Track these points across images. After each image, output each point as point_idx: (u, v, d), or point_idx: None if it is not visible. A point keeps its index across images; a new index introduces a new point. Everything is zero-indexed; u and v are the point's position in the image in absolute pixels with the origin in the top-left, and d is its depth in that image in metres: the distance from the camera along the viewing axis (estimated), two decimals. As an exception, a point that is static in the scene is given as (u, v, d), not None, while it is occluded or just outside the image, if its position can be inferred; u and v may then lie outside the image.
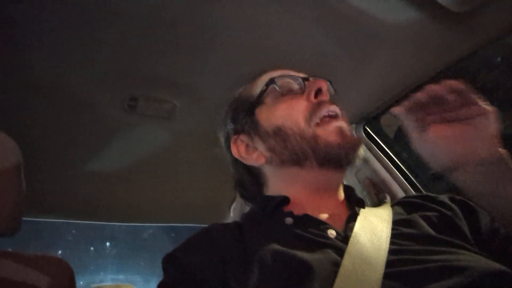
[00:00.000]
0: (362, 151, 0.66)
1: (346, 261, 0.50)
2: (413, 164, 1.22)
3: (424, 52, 0.95)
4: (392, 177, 1.18)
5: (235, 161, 0.74)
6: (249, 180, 0.74)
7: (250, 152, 0.71)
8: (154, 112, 1.15)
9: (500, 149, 0.55)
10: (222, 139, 0.79)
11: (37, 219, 1.58)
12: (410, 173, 1.18)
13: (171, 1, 0.78)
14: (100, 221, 1.73)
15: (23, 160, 0.81)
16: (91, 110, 1.11)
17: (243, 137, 0.72)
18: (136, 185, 1.52)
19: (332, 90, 0.74)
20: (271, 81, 0.70)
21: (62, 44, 0.87)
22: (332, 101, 0.68)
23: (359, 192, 1.23)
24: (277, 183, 0.69)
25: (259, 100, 0.71)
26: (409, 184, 1.16)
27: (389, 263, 0.50)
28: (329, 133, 0.64)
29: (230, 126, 0.75)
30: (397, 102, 1.16)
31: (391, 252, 0.52)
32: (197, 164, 1.43)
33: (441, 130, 0.57)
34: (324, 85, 0.68)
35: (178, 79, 1.03)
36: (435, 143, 0.58)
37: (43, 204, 1.46)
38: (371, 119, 1.28)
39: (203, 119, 1.19)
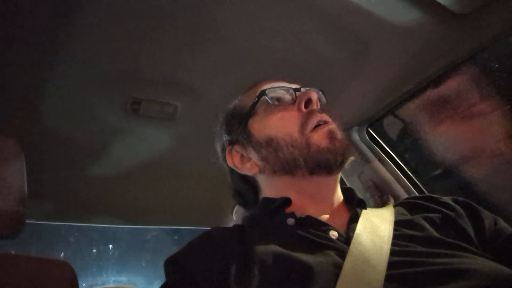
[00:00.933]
0: (353, 156, 0.67)
1: (348, 263, 0.50)
2: (417, 165, 1.22)
3: (426, 53, 0.94)
4: (395, 179, 1.18)
5: (231, 171, 0.76)
6: (245, 189, 0.76)
7: (244, 162, 0.72)
8: (157, 114, 1.15)
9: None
10: (218, 150, 0.82)
11: (39, 222, 1.58)
12: (414, 175, 1.18)
13: (173, 3, 0.79)
14: (103, 224, 1.73)
15: (26, 163, 0.81)
16: (95, 113, 1.12)
17: (237, 147, 0.74)
18: (139, 188, 1.52)
19: (323, 99, 0.76)
20: (262, 93, 0.72)
21: (64, 47, 0.87)
22: (322, 110, 0.70)
23: (362, 195, 1.23)
24: (271, 191, 0.70)
25: (251, 112, 0.72)
26: (412, 186, 1.16)
27: (391, 265, 0.50)
28: (320, 137, 0.65)
29: (225, 137, 0.77)
30: (400, 104, 1.16)
31: (393, 253, 0.52)
32: (200, 166, 1.43)
33: (455, 125, 0.60)
34: (314, 95, 0.69)
35: (180, 81, 1.03)
36: (448, 137, 0.59)
37: (46, 207, 1.47)
38: (374, 121, 1.28)
39: (205, 121, 1.19)
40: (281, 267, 0.51)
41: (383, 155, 1.24)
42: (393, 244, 0.54)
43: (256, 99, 0.72)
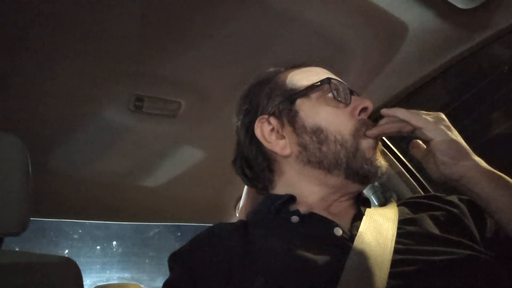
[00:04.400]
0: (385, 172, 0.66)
1: (351, 260, 0.51)
2: (419, 162, 1.22)
3: (430, 49, 0.94)
4: (398, 176, 1.18)
5: (251, 140, 0.71)
6: (262, 165, 0.70)
7: (275, 138, 0.68)
8: (160, 111, 1.15)
9: (456, 170, 0.58)
10: (241, 111, 0.74)
11: (44, 219, 1.59)
12: (417, 172, 1.18)
13: (176, 2, 0.79)
14: (106, 220, 1.74)
15: (30, 160, 0.82)
16: (98, 111, 1.12)
17: (273, 120, 0.69)
18: (142, 184, 1.52)
19: None
20: (328, 80, 0.67)
21: (68, 45, 0.88)
22: (374, 123, 0.68)
23: (365, 191, 1.22)
24: (294, 177, 0.67)
25: (305, 92, 0.68)
26: (416, 183, 1.16)
27: (394, 263, 0.50)
28: (369, 147, 0.64)
29: (263, 104, 0.71)
30: (403, 99, 1.16)
31: (396, 251, 0.52)
32: (202, 163, 1.43)
33: (424, 156, 0.65)
34: (371, 106, 0.68)
35: (183, 78, 1.03)
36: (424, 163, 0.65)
37: (49, 204, 1.47)
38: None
39: (207, 118, 1.20)
40: (285, 264, 0.51)
41: (386, 151, 1.23)
42: (396, 242, 0.54)
43: (319, 82, 0.67)
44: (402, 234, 0.56)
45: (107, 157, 1.34)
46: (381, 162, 0.64)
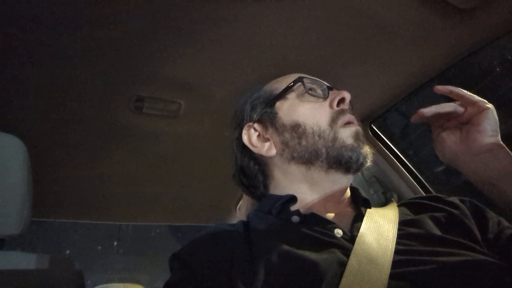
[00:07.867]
0: (371, 160, 0.67)
1: (352, 261, 0.50)
2: (420, 162, 1.22)
3: (430, 49, 0.94)
4: (399, 176, 1.18)
5: (243, 149, 0.75)
6: (254, 170, 0.74)
7: (261, 142, 0.72)
8: (160, 112, 1.15)
9: (496, 139, 0.61)
10: (233, 125, 0.80)
11: (45, 220, 1.60)
12: (418, 172, 1.17)
13: (176, 1, 0.79)
14: (108, 221, 1.74)
15: (32, 161, 0.82)
16: (98, 111, 1.12)
17: (257, 126, 0.73)
18: (143, 185, 1.52)
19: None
20: (300, 79, 0.72)
21: (68, 45, 0.88)
22: (352, 112, 0.71)
23: (366, 191, 1.22)
24: (283, 178, 0.70)
25: (282, 95, 0.72)
26: (416, 183, 1.16)
27: (395, 264, 0.50)
28: (348, 135, 0.66)
29: (247, 114, 0.76)
30: (403, 99, 1.16)
31: (397, 252, 0.52)
32: (203, 164, 1.44)
33: (444, 135, 0.66)
34: (348, 96, 0.70)
35: (184, 79, 1.03)
36: (439, 145, 0.66)
37: (51, 205, 1.48)
38: (377, 118, 1.27)
39: (208, 118, 1.20)
40: (285, 264, 0.51)
41: (387, 151, 1.24)
42: (397, 243, 0.54)
43: (292, 83, 0.72)
44: (403, 235, 0.56)
45: (108, 158, 1.34)
46: (364, 148, 0.66)
